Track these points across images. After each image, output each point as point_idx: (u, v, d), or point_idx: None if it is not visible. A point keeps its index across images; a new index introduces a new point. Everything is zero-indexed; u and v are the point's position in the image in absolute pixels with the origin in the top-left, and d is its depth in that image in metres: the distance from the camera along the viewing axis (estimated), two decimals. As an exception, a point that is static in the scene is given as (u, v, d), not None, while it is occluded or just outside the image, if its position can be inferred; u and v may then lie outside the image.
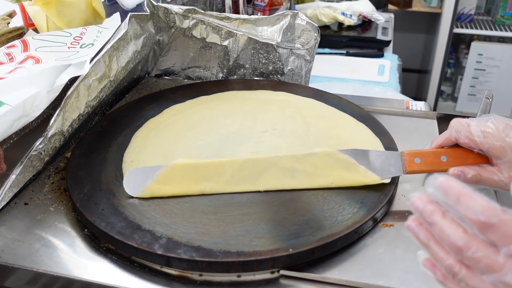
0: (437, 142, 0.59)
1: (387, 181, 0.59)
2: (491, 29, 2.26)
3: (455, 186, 0.34)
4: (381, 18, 1.77)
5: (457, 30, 2.24)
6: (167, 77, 0.97)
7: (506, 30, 2.24)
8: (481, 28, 2.27)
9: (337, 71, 1.52)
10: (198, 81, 0.95)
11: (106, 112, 0.83)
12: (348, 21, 1.74)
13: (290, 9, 1.66)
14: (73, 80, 0.65)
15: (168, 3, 0.94)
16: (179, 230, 0.53)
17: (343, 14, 1.75)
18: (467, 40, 2.44)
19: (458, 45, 2.48)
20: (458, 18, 2.28)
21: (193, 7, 0.83)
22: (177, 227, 0.54)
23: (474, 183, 0.56)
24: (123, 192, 0.60)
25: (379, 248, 0.54)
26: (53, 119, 0.61)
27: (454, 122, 0.58)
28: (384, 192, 0.59)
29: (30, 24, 0.85)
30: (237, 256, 0.49)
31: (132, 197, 0.59)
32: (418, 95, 2.57)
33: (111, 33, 0.73)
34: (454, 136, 0.57)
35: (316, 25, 0.86)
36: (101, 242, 0.55)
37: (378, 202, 0.57)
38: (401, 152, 0.59)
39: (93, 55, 0.68)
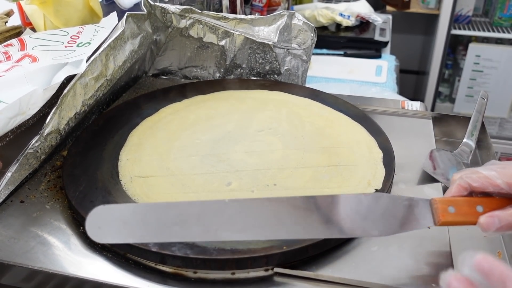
0: (450, 194, 0.50)
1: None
2: (488, 31, 2.26)
3: (497, 268, 0.30)
4: (379, 19, 1.77)
5: (455, 32, 2.25)
6: (164, 77, 0.98)
7: (503, 32, 2.24)
8: (479, 30, 2.28)
9: (335, 71, 1.53)
10: (195, 81, 0.95)
11: (103, 111, 0.83)
12: (346, 22, 1.75)
13: (288, 9, 1.67)
14: (69, 79, 0.65)
15: (165, 2, 0.94)
16: (174, 228, 0.54)
17: (341, 15, 1.76)
18: (465, 42, 2.44)
19: (456, 46, 2.49)
20: (456, 20, 2.29)
21: (190, 7, 0.84)
22: (172, 224, 0.54)
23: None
24: (119, 190, 0.60)
25: (373, 246, 0.54)
26: (49, 117, 0.61)
27: (455, 174, 0.51)
28: (378, 190, 0.59)
29: (27, 23, 0.85)
30: (231, 254, 0.50)
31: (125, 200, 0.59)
32: (416, 96, 2.57)
33: (108, 32, 0.73)
34: (466, 182, 0.48)
35: (313, 25, 0.86)
36: (97, 240, 0.55)
37: (372, 201, 0.57)
38: (432, 200, 0.49)
39: (89, 54, 0.68)
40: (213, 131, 0.72)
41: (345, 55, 1.65)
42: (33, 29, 0.83)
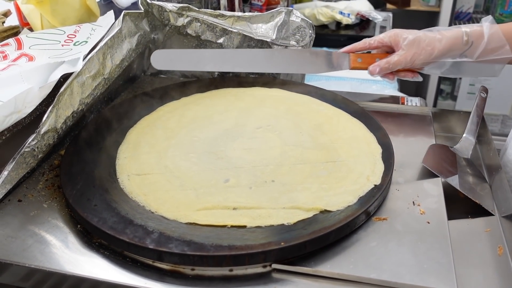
0: (354, 46, 0.76)
1: None
2: (490, 28, 2.25)
3: None
4: (379, 17, 1.77)
5: (455, 29, 2.23)
6: (162, 75, 0.97)
7: (505, 28, 2.23)
8: (480, 27, 2.26)
9: (335, 69, 1.51)
10: (194, 79, 0.95)
11: (101, 110, 0.83)
12: (346, 20, 1.74)
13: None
14: (66, 77, 0.65)
15: (163, 1, 0.94)
16: (171, 225, 0.53)
17: (341, 13, 1.75)
18: (466, 39, 2.43)
19: (457, 43, 2.47)
20: (456, 17, 2.28)
21: (187, 4, 0.83)
22: (169, 221, 0.54)
23: (390, 69, 0.72)
24: (116, 188, 0.60)
25: (372, 242, 0.53)
26: (46, 115, 0.61)
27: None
28: (377, 185, 0.59)
29: (25, 24, 0.85)
30: (228, 250, 0.49)
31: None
32: (418, 94, 2.55)
33: (105, 30, 0.73)
34: (368, 43, 0.75)
35: (311, 21, 0.86)
36: (94, 238, 0.55)
37: (371, 196, 0.57)
38: (348, 54, 0.76)
39: (86, 53, 0.68)
40: (211, 129, 0.72)
41: (345, 53, 1.63)
42: (31, 29, 0.83)
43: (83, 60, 0.66)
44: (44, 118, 0.61)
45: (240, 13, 0.86)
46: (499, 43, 0.70)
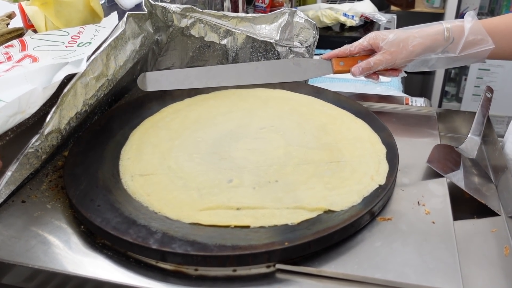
0: (334, 52, 0.77)
1: None
2: (494, 29, 2.24)
3: None
4: (383, 18, 1.76)
5: (460, 30, 2.23)
6: (166, 77, 0.97)
7: (510, 30, 2.22)
8: (485, 28, 2.26)
9: (339, 71, 1.51)
10: (198, 81, 0.95)
11: (105, 112, 0.83)
12: (350, 22, 1.74)
13: (291, 10, 1.66)
14: (70, 78, 0.65)
15: (167, 2, 0.94)
16: (174, 225, 0.53)
17: (345, 15, 1.75)
18: (470, 40, 2.42)
19: (462, 45, 2.47)
20: (461, 18, 2.27)
21: (190, 6, 0.83)
22: (172, 222, 0.54)
23: (371, 69, 0.74)
24: (119, 189, 0.60)
25: (377, 242, 0.53)
26: (49, 116, 0.61)
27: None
28: (382, 185, 0.58)
29: (29, 26, 0.85)
30: (232, 250, 0.49)
31: (125, 192, 0.59)
32: (422, 96, 2.55)
33: (109, 32, 0.73)
34: (348, 49, 0.77)
35: (314, 22, 0.86)
36: (97, 238, 0.55)
37: (376, 196, 0.57)
38: (331, 59, 0.78)
39: (90, 53, 0.68)
40: (215, 130, 0.72)
41: (350, 55, 1.63)
42: (35, 31, 0.83)
43: (87, 61, 0.66)
44: (47, 119, 0.61)
45: (243, 14, 0.86)
46: (479, 36, 0.70)
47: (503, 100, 2.28)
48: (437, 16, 2.28)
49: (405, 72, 0.78)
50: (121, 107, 0.79)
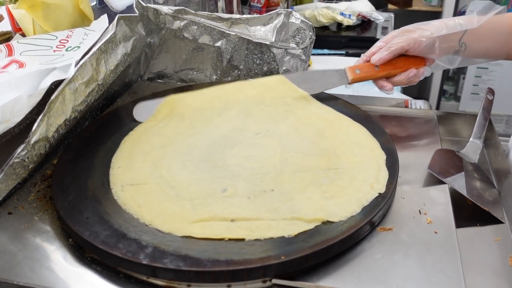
0: (356, 63, 0.77)
1: None
2: (493, 27, 2.22)
3: None
4: (380, 17, 1.74)
5: (458, 29, 2.21)
6: (160, 80, 0.95)
7: (508, 27, 2.20)
8: (483, 26, 2.24)
9: (336, 72, 1.49)
10: (192, 84, 0.93)
11: (96, 117, 0.81)
12: (347, 21, 1.72)
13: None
14: (58, 84, 0.63)
15: (160, 4, 0.92)
16: (165, 238, 0.51)
17: (342, 14, 1.73)
18: (469, 39, 2.40)
19: (460, 43, 2.45)
20: (459, 16, 2.25)
21: (183, 7, 0.81)
22: (164, 235, 0.52)
23: (392, 51, 0.72)
24: (109, 200, 0.58)
25: (377, 254, 0.51)
26: (36, 124, 0.59)
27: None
28: (382, 194, 0.56)
29: (18, 29, 0.83)
30: (226, 265, 0.47)
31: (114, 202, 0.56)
32: (421, 95, 2.53)
33: (98, 35, 0.71)
34: (365, 55, 0.76)
35: (311, 23, 0.84)
36: (86, 252, 0.53)
37: (376, 205, 0.54)
38: (346, 68, 0.76)
39: (78, 58, 0.66)
40: (209, 135, 0.69)
41: (347, 54, 1.61)
42: (24, 35, 0.81)
43: (75, 66, 0.64)
44: (34, 127, 0.59)
45: (238, 16, 0.84)
46: (487, 4, 0.72)
47: (502, 98, 2.26)
48: (435, 15, 2.26)
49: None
50: (112, 112, 0.77)
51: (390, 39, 0.73)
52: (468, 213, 0.62)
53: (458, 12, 2.19)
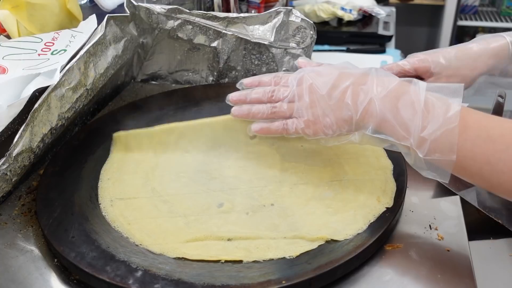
0: None
1: None
2: (496, 21, 2.18)
3: None
4: (382, 12, 1.70)
5: (461, 23, 2.17)
6: (154, 82, 0.91)
7: (511, 21, 2.16)
8: (486, 20, 2.20)
9: (337, 69, 1.45)
10: (187, 86, 0.89)
11: (87, 123, 0.77)
12: (348, 16, 1.67)
13: (286, 5, 1.59)
14: (42, 91, 0.59)
15: (153, 2, 0.87)
16: (157, 260, 0.47)
17: (343, 9, 1.68)
18: (471, 33, 2.36)
19: (463, 37, 2.41)
20: (462, 10, 2.21)
21: (177, 6, 0.77)
22: (155, 256, 0.48)
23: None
24: (97, 216, 0.54)
25: (385, 275, 0.47)
26: (18, 135, 0.55)
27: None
28: (389, 208, 0.52)
29: (3, 30, 0.78)
30: (222, 291, 0.43)
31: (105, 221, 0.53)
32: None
33: (86, 37, 0.67)
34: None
35: (312, 21, 0.80)
36: (72, 274, 0.49)
37: (383, 221, 0.51)
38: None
39: (64, 63, 0.62)
40: (204, 142, 0.65)
41: (348, 50, 1.57)
42: (9, 36, 0.77)
43: (61, 71, 0.60)
44: (16, 139, 0.55)
45: (234, 14, 0.79)
46: None
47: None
48: (437, 9, 2.21)
49: None
50: (102, 118, 0.73)
51: None
52: (481, 225, 0.59)
53: (461, 5, 2.15)
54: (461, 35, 2.39)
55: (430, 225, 0.53)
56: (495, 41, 0.64)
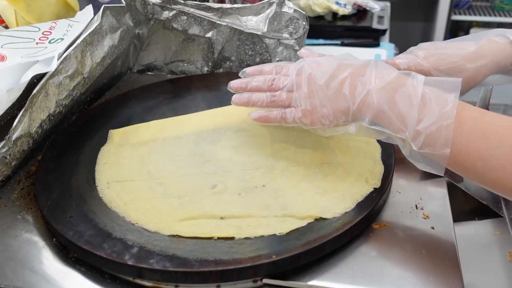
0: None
1: None
2: (490, 15, 2.20)
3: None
4: (376, 6, 1.71)
5: (455, 17, 2.19)
6: (150, 73, 0.93)
7: (505, 16, 2.18)
8: (480, 14, 2.22)
9: (332, 62, 1.47)
10: (183, 76, 0.90)
11: (84, 111, 0.78)
12: (342, 11, 1.69)
13: (281, -1, 1.61)
14: (40, 78, 0.60)
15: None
16: (152, 238, 0.49)
17: (337, 3, 1.70)
18: (465, 27, 2.38)
19: (457, 32, 2.43)
20: (456, 5, 2.23)
21: (172, -3, 0.79)
22: (150, 234, 0.50)
23: None
24: (95, 197, 0.56)
25: (372, 251, 0.49)
26: (17, 120, 0.56)
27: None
28: (377, 189, 0.54)
29: (1, 21, 0.80)
30: (215, 265, 0.45)
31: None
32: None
33: (83, 26, 0.68)
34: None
35: (304, 12, 0.81)
36: (70, 252, 0.51)
37: (371, 201, 0.52)
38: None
39: (62, 51, 0.63)
40: (199, 126, 0.67)
41: (343, 44, 1.59)
42: (7, 27, 0.78)
43: (58, 59, 0.61)
44: (15, 123, 0.56)
45: (229, 5, 0.81)
46: None
47: (499, 87, 2.24)
48: (432, 4, 2.23)
49: None
50: (99, 106, 0.74)
51: None
52: (465, 206, 0.60)
53: (456, 0, 2.17)
54: (455, 29, 2.41)
55: (416, 205, 0.55)
56: (499, 43, 0.64)
